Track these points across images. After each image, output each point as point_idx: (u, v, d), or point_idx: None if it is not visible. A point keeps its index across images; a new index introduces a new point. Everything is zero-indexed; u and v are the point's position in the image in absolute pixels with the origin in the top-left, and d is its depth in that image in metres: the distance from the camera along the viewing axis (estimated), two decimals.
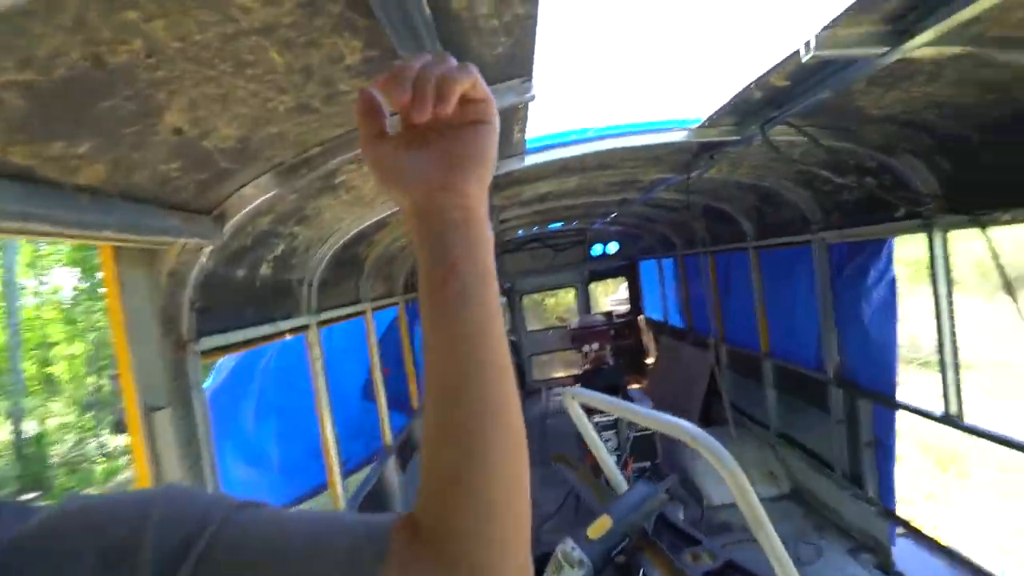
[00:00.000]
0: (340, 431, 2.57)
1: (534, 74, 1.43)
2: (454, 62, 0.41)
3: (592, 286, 8.76)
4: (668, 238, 6.14)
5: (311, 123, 1.33)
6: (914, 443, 7.16)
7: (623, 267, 8.07)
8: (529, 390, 7.60)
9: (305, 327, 2.45)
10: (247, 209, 1.55)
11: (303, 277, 2.45)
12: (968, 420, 2.37)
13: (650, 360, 7.53)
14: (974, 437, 2.32)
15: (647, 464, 3.77)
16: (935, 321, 2.47)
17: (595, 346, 5.27)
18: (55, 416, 12.69)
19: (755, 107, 2.24)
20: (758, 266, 4.23)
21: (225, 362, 3.53)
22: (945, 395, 2.44)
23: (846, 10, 1.43)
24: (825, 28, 1.52)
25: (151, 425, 1.40)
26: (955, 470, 6.86)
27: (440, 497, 0.41)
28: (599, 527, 1.21)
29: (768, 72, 1.86)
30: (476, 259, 0.41)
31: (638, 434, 3.78)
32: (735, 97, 2.11)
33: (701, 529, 1.39)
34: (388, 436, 3.45)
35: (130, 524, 0.36)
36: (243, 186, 1.49)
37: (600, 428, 3.99)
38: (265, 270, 2.06)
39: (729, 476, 1.04)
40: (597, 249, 7.86)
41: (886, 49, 1.52)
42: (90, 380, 13.99)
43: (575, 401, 1.72)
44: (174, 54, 0.87)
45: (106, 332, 13.86)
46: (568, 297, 9.32)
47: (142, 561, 0.35)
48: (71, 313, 14.25)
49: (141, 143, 1.05)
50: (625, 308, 8.59)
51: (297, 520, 0.42)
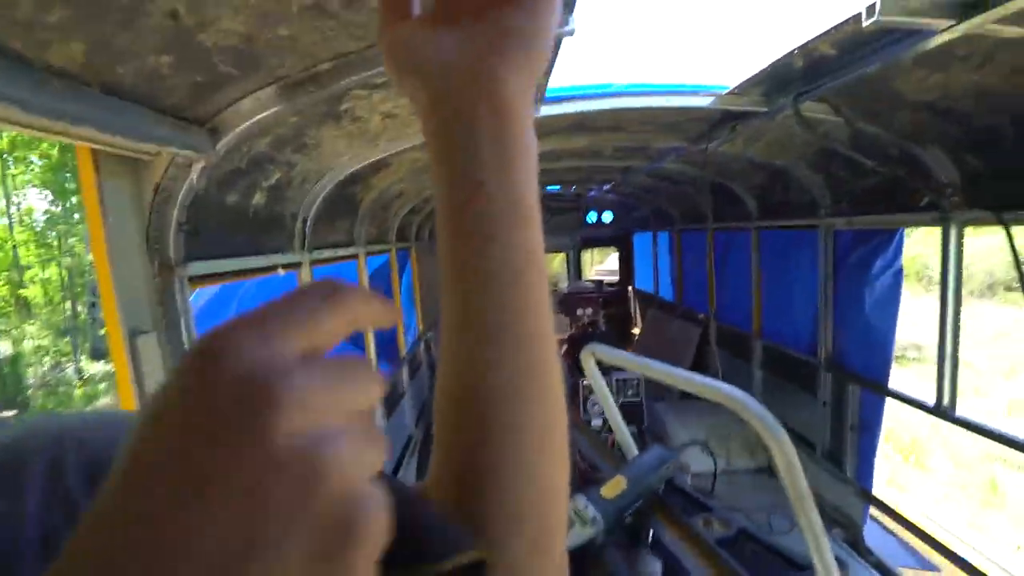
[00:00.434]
0: None
1: (576, 4, 1.28)
2: None
3: (584, 254, 8.70)
4: (666, 211, 6.05)
5: (326, 30, 1.17)
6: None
7: (617, 237, 8.02)
8: None
9: (298, 264, 2.32)
10: (245, 125, 1.40)
11: (297, 212, 2.31)
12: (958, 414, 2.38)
13: (636, 331, 7.56)
14: (963, 430, 2.33)
15: (633, 429, 3.82)
16: (939, 314, 2.44)
17: (588, 311, 5.23)
18: (30, 339, 12.42)
19: (789, 78, 2.11)
20: (758, 246, 4.18)
21: (204, 289, 3.41)
22: (939, 387, 2.44)
23: None
24: None
25: (135, 350, 1.29)
26: (915, 459, 7.16)
27: (461, 483, 0.33)
28: (613, 486, 1.17)
29: (818, 37, 1.72)
30: (512, 179, 0.31)
31: (626, 400, 3.79)
32: (774, 63, 1.97)
33: (711, 496, 1.37)
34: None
35: (113, 439, 0.32)
36: (242, 97, 1.34)
37: (588, 391, 4.01)
38: (259, 199, 1.92)
39: (776, 446, 0.98)
40: (592, 217, 7.75)
41: (952, 22, 1.40)
42: (66, 306, 13.67)
43: (592, 358, 1.65)
44: None
45: (82, 259, 13.47)
46: (554, 263, 9.25)
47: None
48: (44, 236, 13.77)
49: (129, 23, 0.89)
50: (614, 278, 8.58)
51: None
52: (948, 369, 2.39)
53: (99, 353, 12.32)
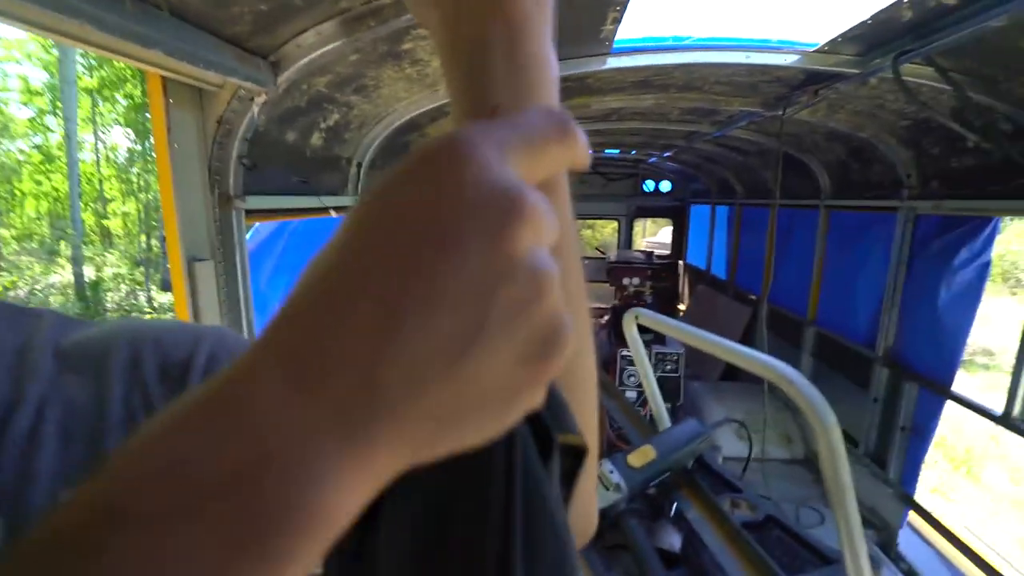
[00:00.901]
0: None
1: None
2: None
3: (636, 224, 8.48)
4: (729, 184, 5.74)
5: None
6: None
7: (673, 208, 7.72)
8: None
9: (349, 208, 2.36)
10: (306, 60, 1.39)
11: (352, 156, 2.32)
12: None
13: (682, 306, 7.35)
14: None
15: (668, 405, 3.77)
16: None
17: (635, 281, 5.12)
18: (110, 267, 13.50)
19: (891, 34, 1.89)
20: (826, 228, 3.90)
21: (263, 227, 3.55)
22: (1011, 396, 2.24)
23: None
24: None
25: (193, 276, 1.35)
26: (966, 470, 6.76)
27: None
28: (641, 455, 1.14)
29: None
30: (525, 98, 0.28)
31: (664, 375, 3.74)
32: (876, 14, 1.76)
33: (742, 479, 1.32)
34: None
35: (185, 347, 0.37)
36: (305, 31, 1.33)
37: (626, 362, 3.96)
38: (316, 139, 1.94)
39: (823, 432, 0.93)
40: (649, 185, 7.49)
41: None
42: (142, 238, 14.70)
43: (634, 323, 1.61)
44: None
45: (157, 195, 14.36)
46: (606, 231, 9.08)
47: (192, 383, 0.36)
48: (126, 172, 14.70)
49: None
50: (666, 251, 8.34)
51: None
52: None
53: (167, 284, 13.25)
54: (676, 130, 4.15)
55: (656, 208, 7.80)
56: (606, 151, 6.31)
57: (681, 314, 7.13)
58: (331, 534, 0.15)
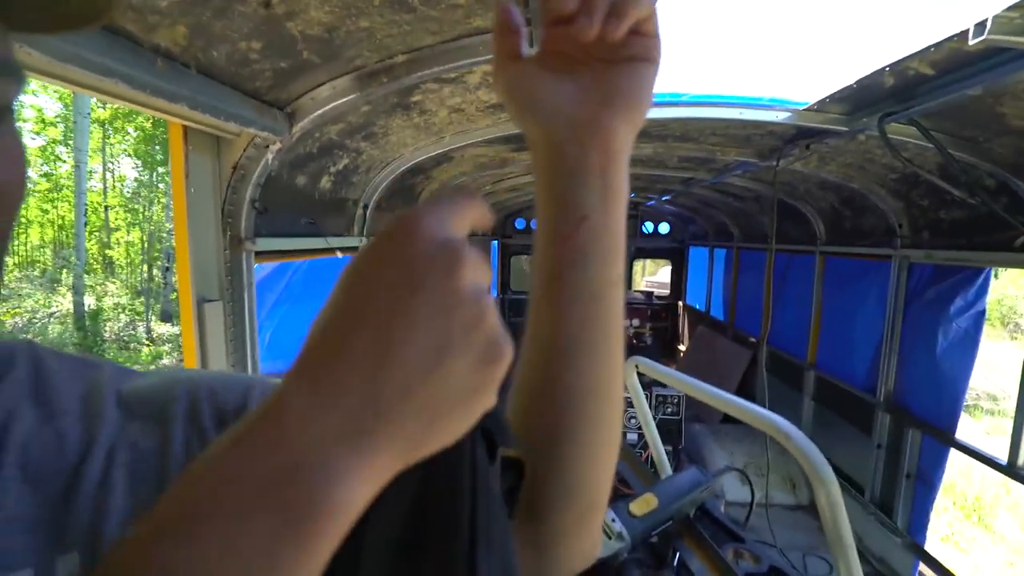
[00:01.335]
0: None
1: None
2: None
3: (636, 264, 8.55)
4: (726, 227, 5.85)
5: (403, 24, 1.21)
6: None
7: (671, 250, 7.82)
8: None
9: (356, 249, 2.40)
10: (320, 111, 1.46)
11: (359, 198, 2.39)
12: None
13: (682, 347, 7.37)
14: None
15: (669, 448, 3.71)
16: (1023, 364, 2.23)
17: (635, 322, 5.15)
18: (111, 296, 13.51)
19: (875, 97, 1.99)
20: (822, 273, 3.96)
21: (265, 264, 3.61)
22: (1014, 444, 2.23)
23: None
24: (1010, 8, 1.28)
25: (202, 315, 1.38)
26: (978, 518, 6.58)
27: (527, 458, 0.39)
28: (643, 504, 1.13)
29: (913, 55, 1.61)
30: (610, 214, 0.36)
31: (665, 417, 3.70)
32: (860, 80, 1.86)
33: (744, 529, 1.30)
34: None
35: (238, 396, 0.39)
36: (320, 85, 1.40)
37: (626, 403, 3.93)
38: (325, 183, 2.01)
39: (820, 483, 0.93)
40: (648, 227, 7.65)
41: None
42: (144, 268, 14.78)
43: (635, 370, 1.63)
44: None
45: (160, 225, 14.53)
46: None
47: None
48: (132, 202, 14.93)
49: (227, 9, 0.96)
50: (665, 291, 8.39)
51: None
52: None
53: (166, 316, 13.25)
54: (674, 176, 4.26)
55: (655, 250, 7.93)
56: None
57: (681, 355, 7.16)
58: (348, 522, 0.21)
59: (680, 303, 7.95)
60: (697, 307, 7.27)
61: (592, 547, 0.42)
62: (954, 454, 2.75)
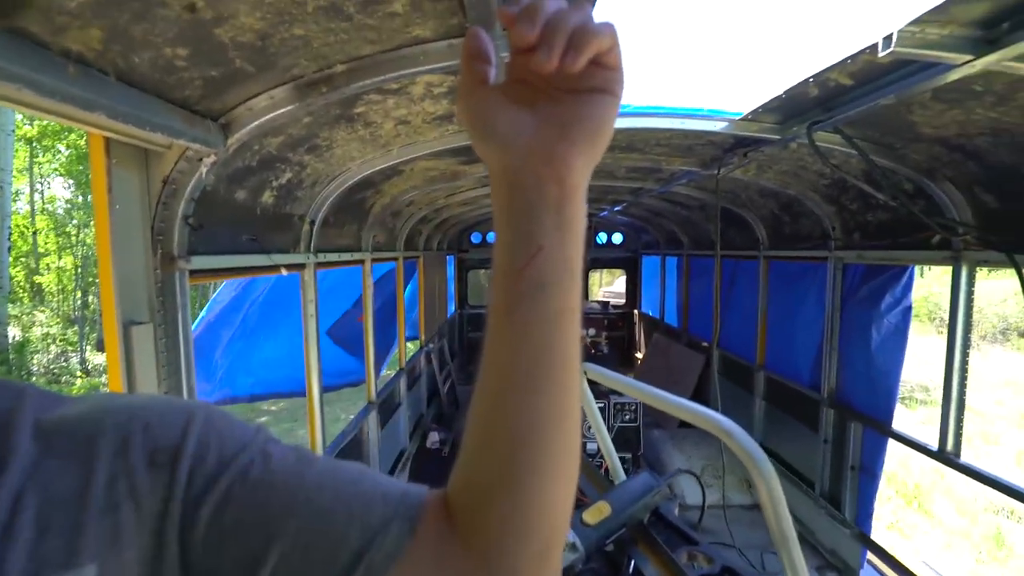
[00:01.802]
0: (295, 368, 2.50)
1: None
2: (593, 15, 0.36)
3: (591, 274, 8.71)
4: (676, 236, 6.05)
5: (340, 32, 1.18)
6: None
7: (625, 259, 8.03)
8: None
9: (302, 266, 2.33)
10: (257, 123, 1.41)
11: (305, 213, 2.32)
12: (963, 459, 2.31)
13: (639, 355, 7.51)
14: (966, 476, 2.26)
15: (628, 455, 3.74)
16: (946, 356, 2.39)
17: (592, 332, 5.21)
18: (40, 326, 12.54)
19: (803, 107, 2.11)
20: (767, 276, 4.14)
21: (223, 296, 3.48)
22: (943, 432, 2.38)
23: (936, 7, 1.30)
24: (912, 23, 1.38)
25: (129, 339, 1.28)
26: (918, 505, 6.97)
27: (481, 493, 0.39)
28: (596, 512, 1.12)
29: (832, 67, 1.72)
30: (566, 245, 0.37)
31: (623, 424, 3.73)
32: (788, 91, 1.97)
33: (697, 530, 1.31)
34: (372, 392, 3.38)
35: (175, 431, 0.37)
36: (256, 95, 1.35)
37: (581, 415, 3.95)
38: (267, 198, 1.94)
39: (760, 478, 0.95)
40: (602, 237, 7.81)
41: (970, 57, 1.39)
42: (77, 295, 13.83)
43: (585, 378, 1.64)
44: None
45: (95, 249, 13.67)
46: None
47: (181, 471, 0.36)
48: (63, 225, 14.00)
49: (146, 12, 0.91)
50: (621, 300, 8.57)
51: (331, 472, 0.40)
52: (953, 413, 2.33)
53: (103, 345, 12.41)
54: (624, 186, 4.38)
55: (609, 260, 8.09)
56: None
57: (639, 362, 7.28)
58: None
59: (636, 311, 8.12)
60: (652, 315, 7.46)
61: (551, 532, 0.41)
62: (892, 444, 2.90)
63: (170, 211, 1.41)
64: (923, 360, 9.74)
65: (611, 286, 14.79)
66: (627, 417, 3.85)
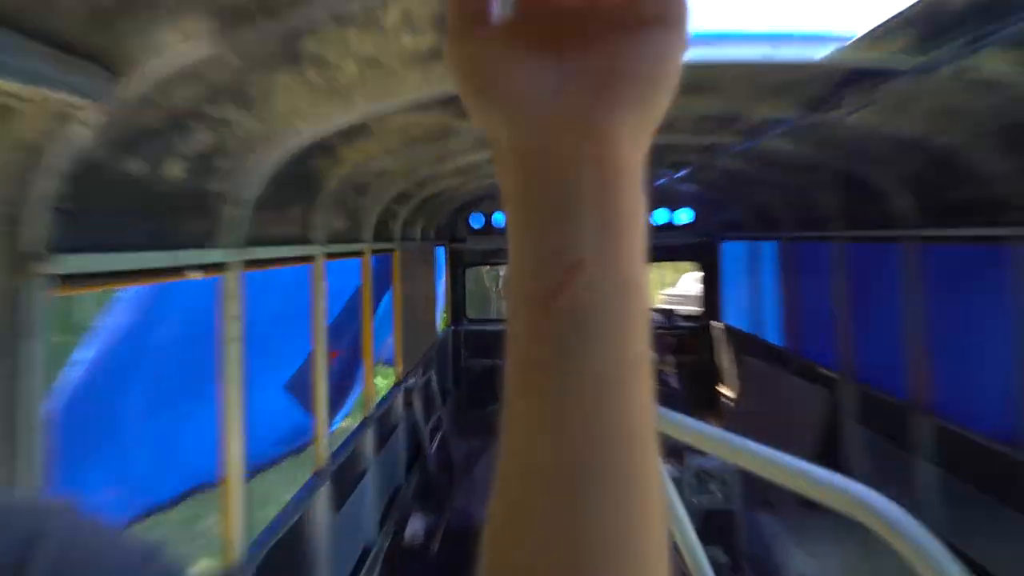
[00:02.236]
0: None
1: None
2: None
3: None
4: (769, 211, 6.02)
5: None
6: None
7: (697, 247, 7.99)
8: None
9: (223, 267, 2.34)
10: (162, 66, 1.44)
11: (231, 191, 2.34)
12: None
13: (728, 391, 7.47)
14: None
15: (719, 552, 3.65)
16: None
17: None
18: None
19: (948, 21, 2.08)
20: (919, 268, 4.07)
21: (116, 320, 3.53)
22: None
23: None
24: None
25: None
26: None
27: None
28: None
29: None
30: (620, 256, 0.35)
31: (710, 507, 3.68)
32: None
33: None
34: (322, 455, 3.41)
35: (10, 555, 0.36)
36: (161, 26, 1.37)
37: None
38: (176, 169, 1.96)
39: None
40: (662, 215, 7.88)
41: None
42: None
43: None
44: None
45: None
46: None
47: None
48: None
49: None
50: (693, 308, 8.54)
51: None
52: None
53: None
54: (690, 143, 4.38)
55: (673, 248, 8.01)
56: None
57: (726, 402, 7.22)
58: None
59: (716, 324, 8.08)
60: (741, 328, 7.41)
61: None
62: None
63: (27, 190, 1.40)
64: None
65: (675, 287, 14.83)
66: (716, 491, 3.84)
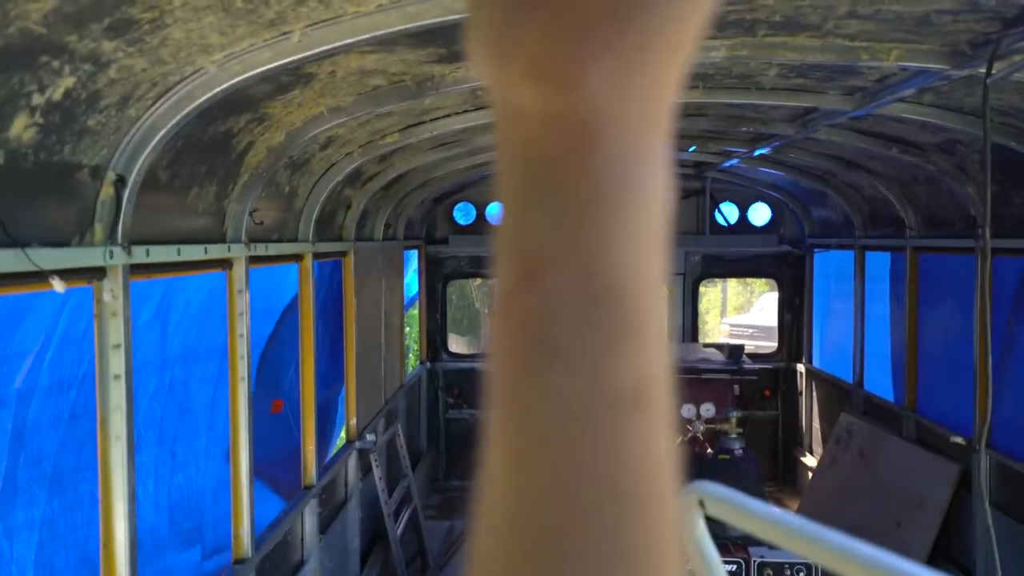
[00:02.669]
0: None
1: None
2: None
3: (703, 288, 8.96)
4: (887, 208, 6.07)
5: None
6: None
7: (777, 258, 8.13)
8: None
9: (97, 272, 2.32)
10: None
11: (109, 162, 2.31)
12: None
13: (810, 460, 7.57)
14: None
15: None
16: None
17: (708, 409, 5.27)
18: None
19: None
20: None
21: None
22: None
23: None
24: None
25: None
26: None
27: None
28: None
29: None
30: (597, 257, 0.38)
31: None
32: None
33: None
34: (243, 544, 3.47)
35: None
36: None
37: None
38: (24, 131, 1.93)
39: None
40: (728, 213, 8.09)
41: None
42: None
43: (701, 514, 1.67)
44: None
45: None
46: None
47: None
48: None
49: None
50: (768, 343, 8.65)
51: None
52: None
53: None
54: (775, 107, 4.43)
55: (743, 261, 8.28)
56: None
57: (810, 476, 7.38)
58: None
59: (799, 367, 8.17)
60: (835, 375, 7.56)
61: None
62: None
63: None
64: None
65: (746, 314, 15.21)
66: None
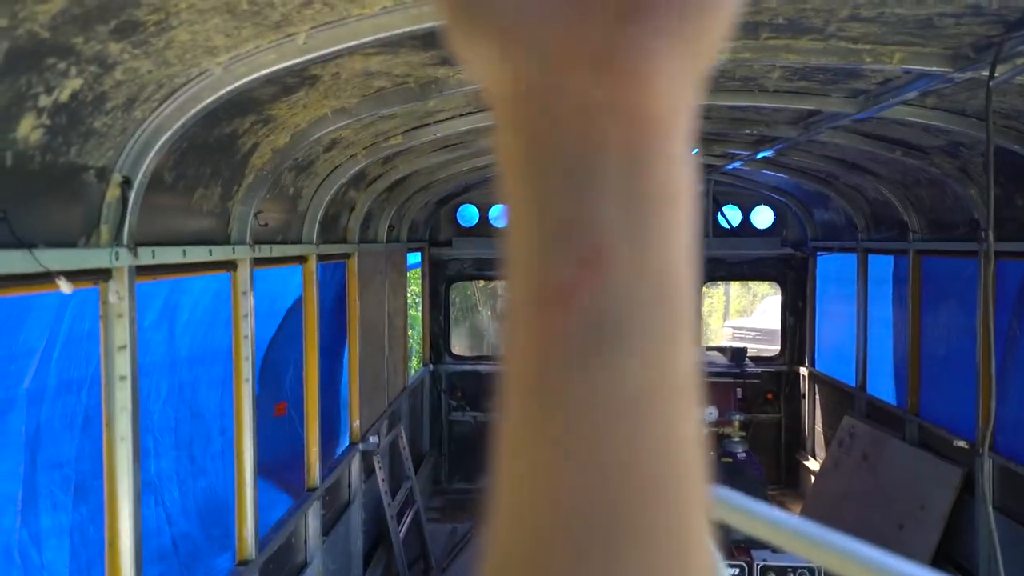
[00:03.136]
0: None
1: None
2: None
3: (706, 290, 8.92)
4: (891, 211, 6.06)
5: None
6: None
7: (780, 261, 8.16)
8: None
9: (103, 274, 2.32)
10: None
11: (113, 165, 2.32)
12: None
13: (812, 463, 7.57)
14: None
15: None
16: None
17: (709, 414, 5.24)
18: None
19: None
20: None
21: None
22: None
23: None
24: None
25: None
26: None
27: None
28: None
29: None
30: (655, 246, 0.38)
31: None
32: None
33: None
34: (247, 545, 3.48)
35: None
36: None
37: None
38: (30, 132, 1.93)
39: None
40: (732, 216, 8.09)
41: None
42: None
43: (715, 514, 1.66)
44: None
45: None
46: None
47: None
48: None
49: None
50: (770, 347, 8.64)
51: None
52: None
53: None
54: (779, 110, 4.43)
55: (746, 264, 8.25)
56: None
57: (813, 479, 7.38)
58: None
59: (802, 370, 8.24)
60: (837, 379, 7.58)
61: None
62: None
63: None
64: None
65: (748, 317, 15.19)
66: None
